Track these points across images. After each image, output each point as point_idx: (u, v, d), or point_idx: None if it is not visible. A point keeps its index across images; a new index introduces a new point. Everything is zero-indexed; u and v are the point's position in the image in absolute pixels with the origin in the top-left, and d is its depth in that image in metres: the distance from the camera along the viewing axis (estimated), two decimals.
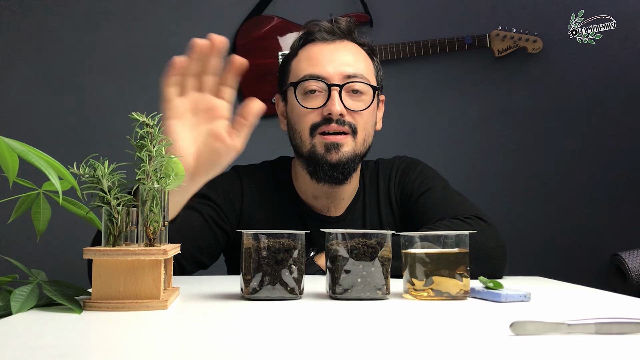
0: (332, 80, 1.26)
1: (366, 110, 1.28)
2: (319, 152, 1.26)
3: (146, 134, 0.77)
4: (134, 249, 0.73)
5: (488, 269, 1.07)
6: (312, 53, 1.30)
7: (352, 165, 1.28)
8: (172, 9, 2.48)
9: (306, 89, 1.27)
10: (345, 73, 1.26)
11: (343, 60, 1.28)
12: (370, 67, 1.33)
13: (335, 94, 1.25)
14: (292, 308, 0.77)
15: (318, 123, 1.26)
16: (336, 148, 1.25)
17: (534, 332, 0.58)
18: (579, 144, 2.51)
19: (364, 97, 1.28)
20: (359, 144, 1.28)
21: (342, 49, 1.30)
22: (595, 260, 2.42)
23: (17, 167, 0.68)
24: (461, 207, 1.26)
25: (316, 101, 1.26)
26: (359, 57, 1.31)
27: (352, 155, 1.27)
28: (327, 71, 1.26)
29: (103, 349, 0.55)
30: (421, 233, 0.86)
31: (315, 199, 1.34)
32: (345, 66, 1.27)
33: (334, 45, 1.30)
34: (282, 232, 0.82)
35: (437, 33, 2.46)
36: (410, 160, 1.42)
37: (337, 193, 1.33)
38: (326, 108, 1.25)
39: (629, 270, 2.02)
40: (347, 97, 1.26)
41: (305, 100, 1.27)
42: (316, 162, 1.26)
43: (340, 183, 1.29)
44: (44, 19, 2.43)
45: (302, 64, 1.30)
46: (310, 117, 1.27)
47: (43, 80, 2.41)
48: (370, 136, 1.32)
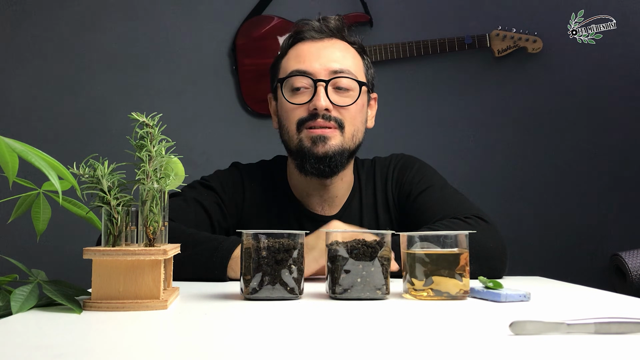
0: (318, 76, 1.27)
1: (353, 106, 1.28)
2: (305, 145, 1.26)
3: (146, 134, 0.77)
4: (134, 249, 0.73)
5: (488, 269, 1.07)
6: (300, 51, 1.31)
7: (340, 159, 1.28)
8: (173, 9, 2.48)
9: (293, 85, 1.28)
10: (331, 69, 1.27)
11: (330, 57, 1.29)
12: (359, 65, 1.33)
13: (321, 89, 1.25)
14: (292, 308, 0.77)
15: (305, 118, 1.27)
16: (323, 141, 1.26)
17: (533, 332, 0.58)
18: (579, 143, 2.51)
19: (351, 93, 1.29)
20: (348, 139, 1.28)
21: (330, 47, 1.31)
22: (595, 260, 2.42)
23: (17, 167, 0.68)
24: (461, 206, 1.26)
25: (302, 97, 1.28)
26: (347, 54, 1.31)
27: (340, 149, 1.27)
28: (313, 67, 1.27)
29: (103, 349, 0.55)
30: (421, 233, 0.86)
31: (308, 196, 1.34)
32: (332, 62, 1.28)
33: (322, 43, 1.31)
34: (282, 232, 0.82)
35: (437, 33, 2.46)
36: (408, 158, 1.42)
37: (328, 190, 1.33)
38: (312, 103, 1.26)
39: (629, 270, 2.02)
40: (333, 93, 1.27)
41: (292, 97, 1.28)
42: (303, 155, 1.27)
43: (327, 176, 1.29)
44: (44, 19, 2.43)
45: (290, 62, 1.31)
46: (297, 113, 1.28)
47: (43, 80, 2.41)
48: (359, 132, 1.32)
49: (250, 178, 1.36)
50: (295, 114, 1.28)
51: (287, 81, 1.29)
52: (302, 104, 1.27)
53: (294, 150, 1.29)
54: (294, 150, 1.29)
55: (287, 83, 1.29)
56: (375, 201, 1.36)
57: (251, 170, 1.39)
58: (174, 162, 0.82)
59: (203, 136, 2.43)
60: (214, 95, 2.48)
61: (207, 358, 0.50)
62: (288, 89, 1.29)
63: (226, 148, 2.43)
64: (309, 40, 1.31)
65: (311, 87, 1.27)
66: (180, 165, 0.84)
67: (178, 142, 0.95)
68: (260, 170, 1.39)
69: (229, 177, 1.36)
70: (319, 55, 1.29)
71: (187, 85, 2.46)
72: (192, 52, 2.46)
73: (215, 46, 2.48)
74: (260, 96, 2.45)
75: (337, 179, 1.32)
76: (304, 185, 1.33)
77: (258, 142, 2.41)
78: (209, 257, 1.08)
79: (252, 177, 1.37)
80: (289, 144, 1.30)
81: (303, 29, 1.32)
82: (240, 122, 2.47)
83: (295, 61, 1.30)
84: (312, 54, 1.29)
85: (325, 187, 1.32)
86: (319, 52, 1.29)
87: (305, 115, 1.27)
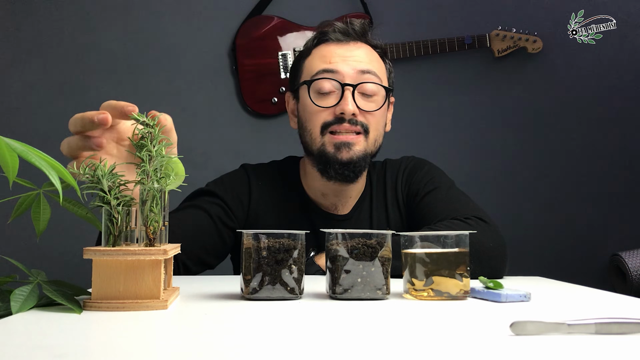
0: (345, 79, 1.26)
1: (378, 111, 1.29)
2: (328, 151, 1.26)
3: (146, 134, 0.77)
4: (134, 249, 0.73)
5: (488, 269, 1.07)
6: (326, 52, 1.30)
7: (363, 164, 1.29)
8: (173, 10, 2.48)
9: (320, 89, 1.27)
10: (358, 68, 1.27)
11: (356, 59, 1.29)
12: (382, 69, 1.33)
13: (349, 94, 1.25)
14: (292, 308, 0.77)
15: (330, 122, 1.26)
16: (347, 147, 1.26)
17: (534, 332, 0.58)
18: (579, 144, 2.51)
19: (376, 98, 1.29)
20: (371, 144, 1.29)
21: (356, 50, 1.30)
22: (595, 260, 2.42)
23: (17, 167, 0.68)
24: (463, 207, 1.26)
25: (329, 100, 1.27)
26: (372, 57, 1.31)
27: (364, 154, 1.28)
28: (341, 68, 1.27)
29: (103, 349, 0.55)
30: (421, 233, 0.86)
31: (323, 196, 1.34)
32: (359, 64, 1.28)
33: (348, 46, 1.31)
34: (282, 232, 0.82)
35: (437, 33, 2.46)
36: (418, 160, 1.43)
37: (345, 191, 1.34)
38: (339, 107, 1.25)
39: (629, 270, 2.02)
40: (359, 98, 1.27)
41: (318, 99, 1.28)
42: (326, 161, 1.27)
43: (351, 181, 1.30)
44: (44, 19, 2.43)
45: (315, 62, 1.30)
46: (322, 116, 1.27)
47: (43, 80, 2.41)
48: (380, 136, 1.33)
49: (258, 177, 1.36)
50: (320, 117, 1.27)
51: (314, 83, 1.28)
52: (328, 107, 1.26)
53: (316, 153, 1.28)
54: (316, 153, 1.28)
55: (313, 85, 1.28)
56: (386, 201, 1.37)
57: (260, 170, 1.39)
58: (174, 162, 0.82)
59: (203, 136, 2.43)
60: (214, 95, 2.48)
61: (207, 358, 0.50)
62: (314, 90, 1.28)
63: (226, 148, 2.43)
64: (334, 42, 1.31)
65: (338, 90, 1.26)
66: (181, 165, 0.84)
67: (178, 142, 0.95)
68: (271, 170, 1.39)
69: (234, 177, 1.36)
70: (345, 58, 1.28)
71: (187, 85, 2.46)
72: (192, 52, 2.46)
73: (215, 46, 2.48)
74: (260, 96, 2.45)
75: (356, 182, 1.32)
76: (321, 187, 1.33)
77: (258, 142, 2.41)
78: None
79: (261, 176, 1.37)
80: (311, 147, 1.30)
81: (328, 30, 1.32)
82: (240, 122, 2.47)
83: (321, 61, 1.29)
84: (338, 55, 1.29)
85: (343, 189, 1.33)
86: (344, 55, 1.29)
87: (331, 118, 1.26)
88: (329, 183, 1.31)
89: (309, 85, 1.28)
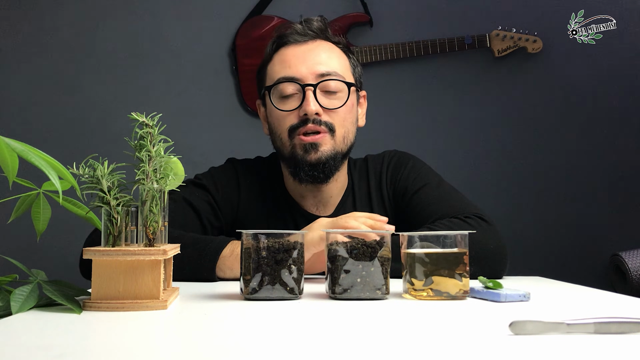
0: (305, 81, 1.26)
1: (342, 108, 1.28)
2: (298, 153, 1.26)
3: (146, 134, 0.77)
4: (133, 249, 0.73)
5: (488, 270, 1.06)
6: (285, 56, 1.30)
7: (333, 164, 1.27)
8: (173, 10, 2.48)
9: (281, 92, 1.27)
10: (318, 72, 1.26)
11: (316, 60, 1.28)
12: (345, 64, 1.32)
13: (310, 94, 1.25)
14: (291, 308, 0.77)
15: (296, 125, 1.26)
16: (314, 148, 1.25)
17: (533, 332, 0.58)
18: (579, 144, 2.51)
19: (340, 95, 1.28)
20: (339, 142, 1.28)
21: (315, 49, 1.30)
22: (595, 260, 2.42)
23: (17, 167, 0.68)
24: (459, 204, 1.25)
25: (292, 103, 1.27)
26: (332, 54, 1.31)
27: (332, 153, 1.27)
28: (300, 72, 1.26)
29: (103, 349, 0.55)
30: (421, 233, 0.86)
31: (302, 198, 1.34)
32: (319, 65, 1.27)
33: (307, 46, 1.30)
34: (281, 232, 0.82)
35: (437, 33, 2.46)
36: (401, 154, 1.41)
37: (322, 192, 1.33)
38: (302, 109, 1.25)
39: (629, 270, 2.02)
40: (322, 96, 1.26)
41: (282, 103, 1.28)
42: (296, 163, 1.27)
43: (322, 182, 1.29)
44: (44, 18, 2.43)
45: (276, 68, 1.30)
46: (287, 120, 1.27)
47: (43, 80, 2.41)
48: (350, 133, 1.31)
49: (245, 175, 1.36)
50: (286, 121, 1.27)
51: (275, 88, 1.28)
52: (291, 110, 1.26)
53: (287, 157, 1.28)
54: (287, 157, 1.28)
55: (274, 90, 1.28)
56: (370, 199, 1.36)
57: (247, 167, 1.38)
58: (173, 162, 0.82)
59: (203, 136, 2.43)
60: (214, 95, 2.48)
61: (207, 358, 0.50)
62: (276, 96, 1.28)
63: (226, 148, 2.42)
64: (292, 44, 1.30)
65: (299, 92, 1.26)
66: (180, 165, 0.84)
67: (178, 142, 0.95)
68: (257, 168, 1.39)
69: (224, 175, 1.35)
70: (305, 59, 1.27)
71: (187, 85, 2.46)
72: (192, 52, 2.46)
73: (215, 46, 2.48)
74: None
75: (331, 182, 1.31)
76: (298, 189, 1.33)
77: (258, 142, 2.40)
78: (197, 259, 1.08)
79: (248, 175, 1.36)
80: (282, 151, 1.30)
81: (286, 33, 1.31)
82: (240, 122, 2.47)
83: (280, 67, 1.29)
84: (297, 57, 1.28)
85: (319, 190, 1.32)
86: (304, 56, 1.28)
87: (296, 121, 1.26)
88: (302, 185, 1.31)
89: (271, 91, 1.29)
